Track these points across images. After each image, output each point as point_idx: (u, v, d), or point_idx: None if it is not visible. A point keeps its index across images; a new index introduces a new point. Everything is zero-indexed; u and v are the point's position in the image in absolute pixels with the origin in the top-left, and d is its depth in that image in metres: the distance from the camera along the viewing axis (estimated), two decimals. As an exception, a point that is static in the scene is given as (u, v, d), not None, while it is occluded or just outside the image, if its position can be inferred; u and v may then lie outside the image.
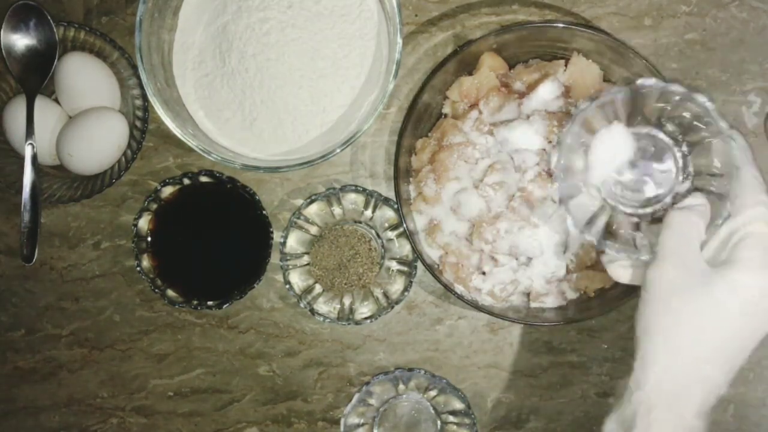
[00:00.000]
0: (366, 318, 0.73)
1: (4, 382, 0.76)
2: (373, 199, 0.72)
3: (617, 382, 0.75)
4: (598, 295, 0.69)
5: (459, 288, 0.69)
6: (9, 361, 0.76)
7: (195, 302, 0.72)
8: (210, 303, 0.72)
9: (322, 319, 0.72)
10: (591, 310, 0.68)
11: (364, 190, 0.72)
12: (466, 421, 0.74)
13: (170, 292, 0.72)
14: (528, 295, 0.70)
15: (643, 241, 0.55)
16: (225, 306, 0.72)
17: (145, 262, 0.73)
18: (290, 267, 0.73)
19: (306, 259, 0.73)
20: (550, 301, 0.70)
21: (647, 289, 0.51)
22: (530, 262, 0.68)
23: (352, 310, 0.73)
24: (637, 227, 0.56)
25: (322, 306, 0.73)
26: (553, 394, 0.75)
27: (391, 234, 0.73)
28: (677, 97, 0.53)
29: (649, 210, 0.56)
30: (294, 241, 0.73)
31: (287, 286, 0.72)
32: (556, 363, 0.75)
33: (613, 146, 0.55)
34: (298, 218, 0.72)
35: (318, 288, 0.74)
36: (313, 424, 0.76)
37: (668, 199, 0.55)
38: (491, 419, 0.75)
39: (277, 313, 0.75)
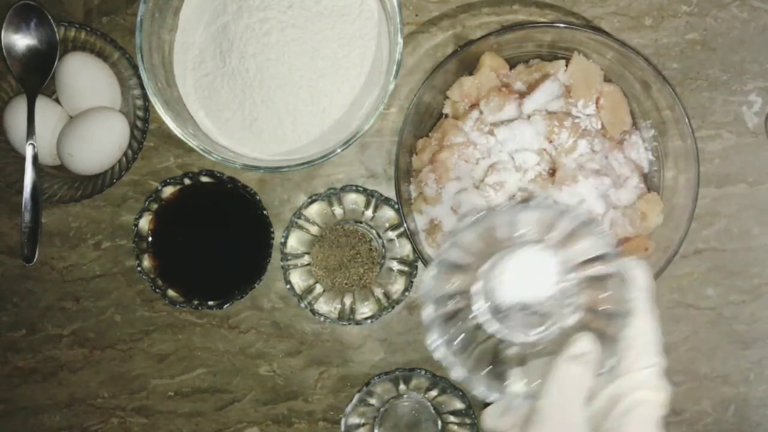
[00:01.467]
0: (366, 318, 0.73)
1: (5, 382, 0.76)
2: (374, 199, 0.72)
3: (618, 382, 0.75)
4: (598, 295, 0.70)
5: (459, 288, 0.69)
6: (10, 362, 0.76)
7: (195, 302, 0.72)
8: (210, 303, 0.72)
9: (322, 318, 0.72)
10: (591, 310, 0.68)
11: (365, 190, 0.72)
12: (467, 421, 0.74)
13: (171, 292, 0.73)
14: (528, 295, 0.70)
15: (515, 382, 0.47)
16: (225, 306, 0.72)
17: (146, 262, 0.73)
18: (291, 267, 0.73)
19: (307, 259, 0.74)
20: (551, 301, 0.70)
21: None
22: (531, 262, 0.68)
23: (352, 310, 0.73)
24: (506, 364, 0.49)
25: (323, 306, 0.73)
26: (554, 394, 0.75)
27: (392, 234, 0.73)
28: (572, 225, 0.47)
29: (532, 340, 0.48)
30: (294, 241, 0.73)
31: (288, 286, 0.72)
32: (557, 363, 0.75)
33: (525, 267, 0.48)
34: (299, 218, 0.72)
35: (319, 288, 0.74)
36: (313, 424, 0.76)
37: (554, 333, 0.48)
38: (492, 419, 0.75)
39: (278, 313, 0.75)
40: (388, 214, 0.73)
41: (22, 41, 0.71)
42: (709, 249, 0.74)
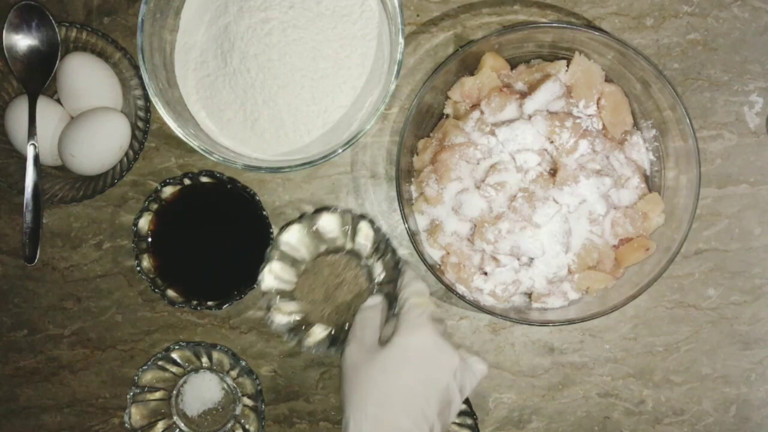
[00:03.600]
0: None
1: (7, 383, 0.76)
2: (350, 221, 0.71)
3: (618, 382, 0.75)
4: (599, 296, 0.69)
5: (461, 288, 0.69)
6: (11, 362, 0.76)
7: (195, 302, 0.72)
8: (210, 303, 0.72)
9: (313, 351, 0.70)
10: (593, 311, 0.68)
11: (336, 209, 0.71)
12: (468, 421, 0.74)
13: (170, 292, 0.72)
14: (530, 295, 0.70)
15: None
16: (225, 306, 0.72)
17: (146, 262, 0.73)
18: (273, 305, 0.70)
19: (289, 289, 0.71)
20: (552, 302, 0.70)
21: (341, 367, 0.64)
22: (532, 263, 0.68)
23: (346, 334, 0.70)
24: None
25: (318, 332, 0.71)
26: (555, 394, 0.75)
27: (373, 258, 0.71)
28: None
29: None
30: (274, 276, 0.71)
31: (270, 322, 0.70)
32: (558, 363, 0.75)
33: None
34: (278, 248, 0.70)
35: (309, 324, 0.71)
36: (314, 424, 0.76)
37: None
38: (493, 419, 0.75)
39: (279, 314, 0.75)
40: (366, 232, 0.71)
41: (23, 41, 0.71)
42: (710, 249, 0.74)
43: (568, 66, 0.69)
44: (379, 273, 0.71)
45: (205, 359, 0.75)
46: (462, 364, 0.63)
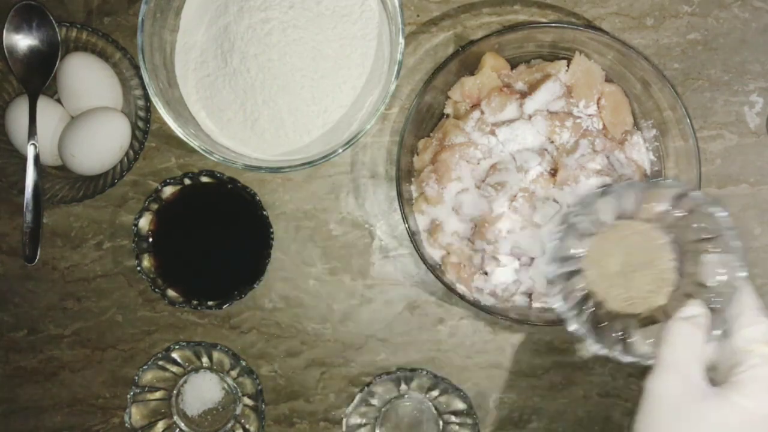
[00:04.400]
0: None
1: (7, 383, 0.76)
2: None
3: (619, 382, 0.75)
4: (600, 296, 0.70)
5: (461, 288, 0.69)
6: (11, 362, 0.76)
7: (195, 302, 0.72)
8: (210, 303, 0.72)
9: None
10: (593, 311, 0.68)
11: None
12: (468, 421, 0.74)
13: (170, 292, 0.73)
14: (530, 295, 0.70)
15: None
16: (225, 306, 0.72)
17: (146, 262, 0.73)
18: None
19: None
20: (552, 302, 0.70)
21: (647, 399, 0.50)
22: (532, 263, 0.68)
23: None
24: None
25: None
26: (556, 394, 0.75)
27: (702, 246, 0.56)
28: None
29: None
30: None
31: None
32: (559, 363, 0.75)
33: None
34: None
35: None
36: (315, 424, 0.76)
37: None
38: (493, 419, 0.75)
39: (279, 314, 0.75)
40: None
41: (23, 41, 0.71)
42: (710, 249, 0.74)
43: (568, 66, 0.69)
44: (708, 272, 0.54)
45: (205, 359, 0.75)
46: None
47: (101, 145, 0.71)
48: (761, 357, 0.49)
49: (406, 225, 0.67)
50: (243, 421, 0.75)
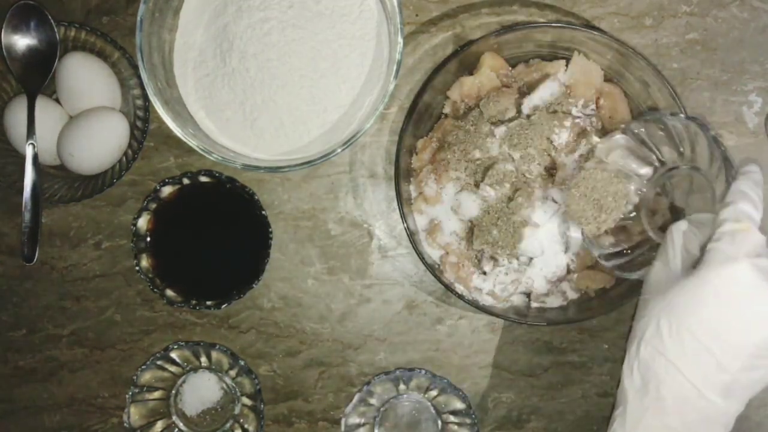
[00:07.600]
0: None
1: (5, 382, 0.76)
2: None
3: (617, 381, 0.75)
4: (599, 295, 0.69)
5: (459, 288, 0.69)
6: (10, 361, 0.76)
7: (194, 302, 0.72)
8: (209, 303, 0.72)
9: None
10: (592, 310, 0.68)
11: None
12: (467, 420, 0.74)
13: (169, 292, 0.73)
14: (529, 295, 0.70)
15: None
16: (223, 306, 0.72)
17: (144, 262, 0.73)
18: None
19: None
20: (551, 301, 0.70)
21: (645, 283, 0.58)
22: (531, 262, 0.68)
23: None
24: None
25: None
26: (554, 394, 0.75)
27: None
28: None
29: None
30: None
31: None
32: (557, 363, 0.75)
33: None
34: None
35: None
36: (313, 423, 0.76)
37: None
38: (492, 419, 0.75)
39: (278, 313, 0.75)
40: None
41: (22, 41, 0.71)
42: (709, 249, 0.74)
43: (567, 66, 0.69)
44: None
45: (204, 359, 0.75)
46: None
47: (100, 144, 0.71)
48: (725, 234, 0.53)
49: (405, 225, 0.68)
50: (242, 420, 0.75)
